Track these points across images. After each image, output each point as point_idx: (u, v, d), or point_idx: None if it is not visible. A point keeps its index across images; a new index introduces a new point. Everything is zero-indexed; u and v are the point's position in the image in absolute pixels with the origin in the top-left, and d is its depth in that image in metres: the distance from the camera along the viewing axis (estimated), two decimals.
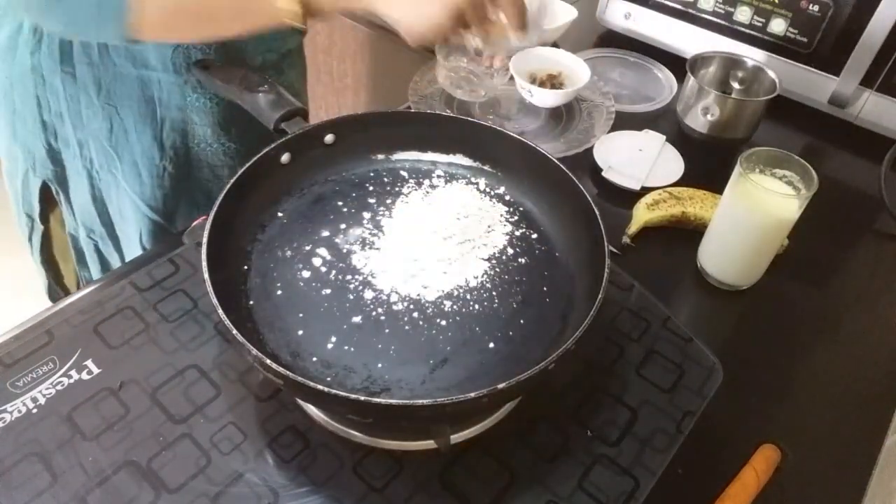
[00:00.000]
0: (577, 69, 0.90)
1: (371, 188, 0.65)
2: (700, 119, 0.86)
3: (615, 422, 0.55)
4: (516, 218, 0.64)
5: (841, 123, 0.92)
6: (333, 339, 0.53)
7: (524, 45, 0.82)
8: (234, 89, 0.62)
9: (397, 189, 0.65)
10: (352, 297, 0.56)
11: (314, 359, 0.52)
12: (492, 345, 0.53)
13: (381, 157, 0.68)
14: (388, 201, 0.64)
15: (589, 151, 0.83)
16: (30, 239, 0.88)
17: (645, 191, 0.78)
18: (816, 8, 0.87)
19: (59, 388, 0.54)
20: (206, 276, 0.48)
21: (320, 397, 0.46)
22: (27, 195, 0.83)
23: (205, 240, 0.51)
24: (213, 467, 0.50)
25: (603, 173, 0.80)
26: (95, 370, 0.55)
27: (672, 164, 0.83)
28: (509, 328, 0.55)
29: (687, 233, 0.75)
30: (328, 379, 0.50)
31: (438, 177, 0.67)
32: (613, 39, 1.06)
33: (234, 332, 0.45)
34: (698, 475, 0.54)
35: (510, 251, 0.61)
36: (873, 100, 0.88)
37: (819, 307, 0.71)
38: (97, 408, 0.53)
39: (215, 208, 0.53)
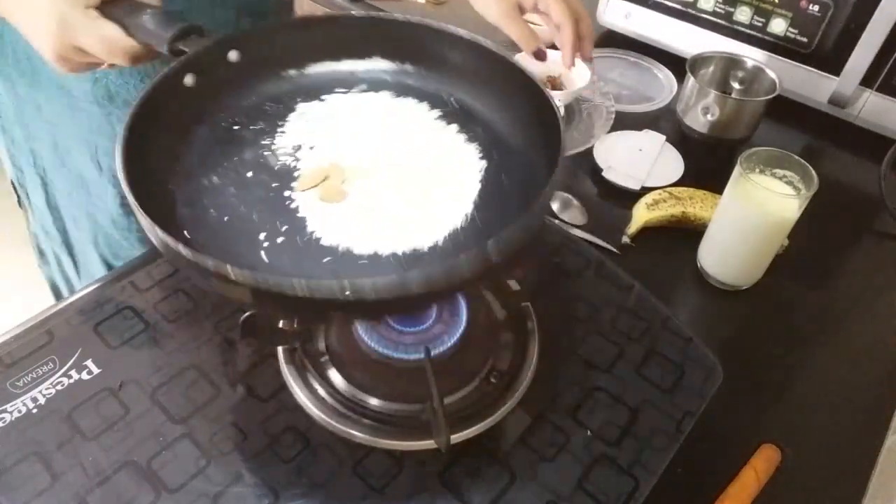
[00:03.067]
0: (576, 70, 0.90)
1: (286, 106, 0.59)
2: (700, 119, 0.86)
3: (615, 422, 0.55)
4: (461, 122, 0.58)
5: (841, 123, 0.92)
6: (287, 255, 0.48)
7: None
8: (118, 18, 0.54)
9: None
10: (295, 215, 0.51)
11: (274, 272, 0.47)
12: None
13: (292, 72, 0.61)
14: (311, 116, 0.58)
15: (589, 151, 0.83)
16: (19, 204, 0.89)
17: (645, 191, 0.78)
18: (816, 8, 0.87)
19: (59, 388, 0.54)
20: (140, 213, 0.42)
21: (295, 298, 0.40)
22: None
23: (123, 177, 0.44)
24: (213, 467, 0.50)
25: (603, 173, 0.80)
26: (95, 370, 0.55)
27: (672, 164, 0.83)
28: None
29: (687, 233, 0.75)
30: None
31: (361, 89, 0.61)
32: (613, 39, 1.06)
33: (184, 251, 0.40)
34: (698, 475, 0.54)
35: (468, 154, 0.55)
36: (873, 100, 0.88)
37: (819, 307, 0.71)
38: (97, 408, 0.53)
39: (122, 143, 0.46)
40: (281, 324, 0.58)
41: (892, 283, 0.74)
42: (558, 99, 0.86)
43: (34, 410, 0.52)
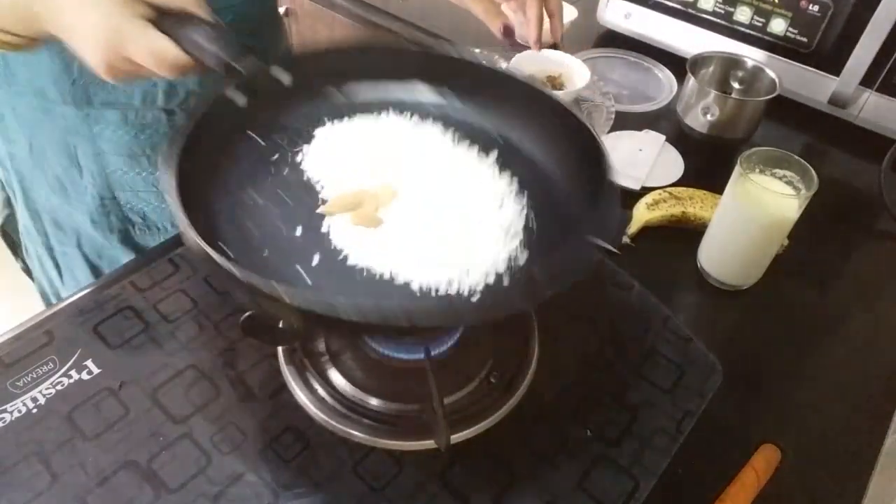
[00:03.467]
0: (576, 70, 0.90)
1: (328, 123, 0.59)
2: (700, 119, 0.86)
3: (615, 422, 0.55)
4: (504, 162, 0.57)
5: (841, 123, 0.92)
6: (326, 278, 0.48)
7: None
8: (171, 30, 0.52)
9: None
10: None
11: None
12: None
13: (339, 95, 0.61)
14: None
15: None
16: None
17: (645, 191, 0.78)
18: (816, 8, 0.87)
19: (59, 388, 0.54)
20: (190, 230, 0.42)
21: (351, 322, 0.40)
22: None
23: (174, 198, 0.44)
24: (213, 467, 0.50)
25: None
26: (95, 370, 0.55)
27: (672, 164, 0.83)
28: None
29: (687, 233, 0.75)
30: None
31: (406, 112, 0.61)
32: (613, 39, 1.06)
33: (237, 272, 0.39)
34: (698, 475, 0.54)
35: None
36: (873, 100, 0.88)
37: (819, 307, 0.71)
38: (97, 408, 0.53)
39: (175, 165, 0.46)
40: (281, 324, 0.58)
41: (892, 283, 0.74)
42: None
43: (34, 410, 0.52)
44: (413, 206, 0.53)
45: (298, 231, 0.51)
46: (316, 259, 0.49)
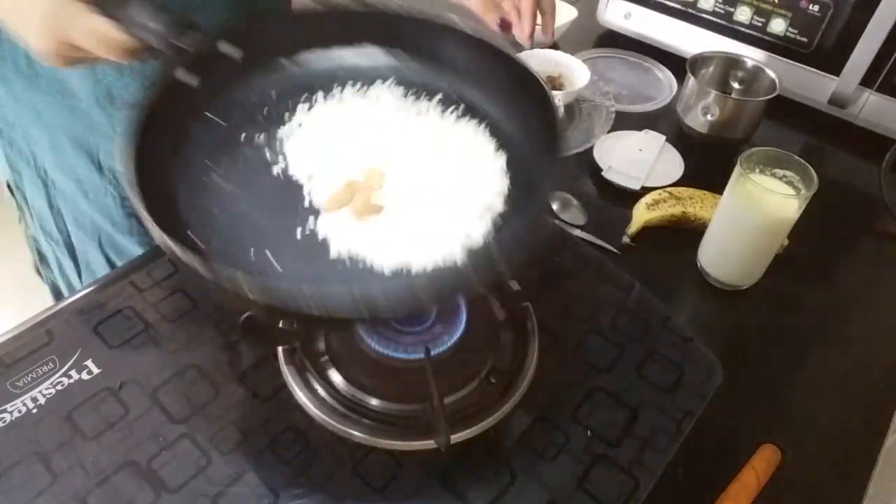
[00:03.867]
0: (576, 70, 0.90)
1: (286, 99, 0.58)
2: (700, 119, 0.86)
3: (615, 422, 0.55)
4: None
5: (841, 123, 0.92)
6: (295, 260, 0.48)
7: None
8: (111, 12, 0.50)
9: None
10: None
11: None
12: None
13: (292, 66, 0.60)
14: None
15: (589, 151, 0.83)
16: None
17: (645, 191, 0.78)
18: (816, 8, 0.87)
19: (59, 388, 0.54)
20: (150, 224, 0.41)
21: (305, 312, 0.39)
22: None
23: (130, 183, 0.43)
24: (213, 467, 0.50)
25: (603, 173, 0.80)
26: (95, 370, 0.55)
27: (672, 164, 0.83)
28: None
29: (687, 233, 0.75)
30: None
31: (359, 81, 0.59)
32: (613, 39, 1.06)
33: (199, 266, 0.39)
34: (698, 475, 0.54)
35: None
36: (873, 100, 0.88)
37: (819, 307, 0.71)
38: (97, 408, 0.53)
39: (126, 147, 0.46)
40: (281, 324, 0.58)
41: (892, 283, 0.74)
42: (558, 99, 0.86)
43: (34, 410, 0.52)
44: (401, 187, 0.52)
45: (272, 218, 0.50)
46: (292, 247, 0.48)
